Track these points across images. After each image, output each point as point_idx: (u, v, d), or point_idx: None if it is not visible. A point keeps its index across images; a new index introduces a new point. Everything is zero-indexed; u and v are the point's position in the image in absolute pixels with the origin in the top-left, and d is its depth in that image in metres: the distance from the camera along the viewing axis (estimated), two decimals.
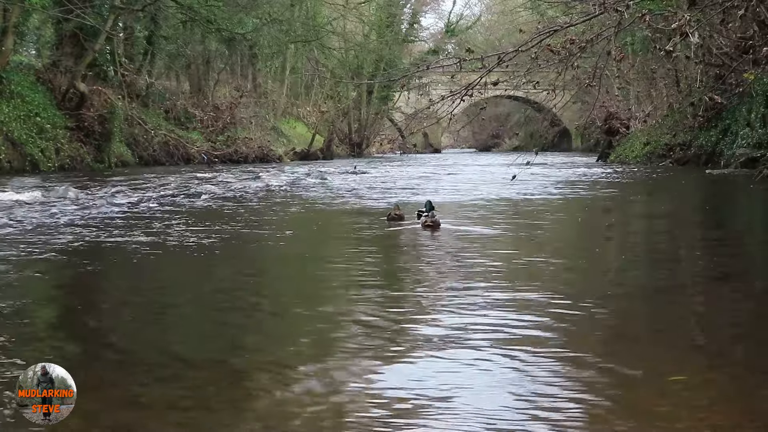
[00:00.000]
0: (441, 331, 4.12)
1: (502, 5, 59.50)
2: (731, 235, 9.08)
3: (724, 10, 8.28)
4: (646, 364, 3.61)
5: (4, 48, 23.24)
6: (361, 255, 7.26)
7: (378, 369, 3.51)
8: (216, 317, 4.84)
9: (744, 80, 19.15)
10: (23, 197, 12.31)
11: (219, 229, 8.76)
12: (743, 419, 2.91)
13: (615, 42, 7.71)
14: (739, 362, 3.71)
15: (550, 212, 11.48)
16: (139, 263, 6.65)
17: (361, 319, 4.49)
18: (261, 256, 7.48)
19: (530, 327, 4.21)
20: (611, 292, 5.42)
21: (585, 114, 42.34)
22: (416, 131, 57.28)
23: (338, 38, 48.15)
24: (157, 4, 29.22)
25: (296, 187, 17.81)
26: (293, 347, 4.03)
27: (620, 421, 2.91)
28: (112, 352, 3.99)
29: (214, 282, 5.98)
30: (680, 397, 3.14)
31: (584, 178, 20.92)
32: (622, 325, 4.48)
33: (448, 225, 8.61)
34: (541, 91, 9.89)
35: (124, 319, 4.84)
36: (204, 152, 31.55)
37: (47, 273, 6.27)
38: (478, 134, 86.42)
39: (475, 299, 4.86)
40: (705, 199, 14.57)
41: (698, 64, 19.50)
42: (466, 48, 9.30)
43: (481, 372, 3.44)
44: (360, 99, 51.99)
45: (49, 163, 23.08)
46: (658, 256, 7.50)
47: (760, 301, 5.16)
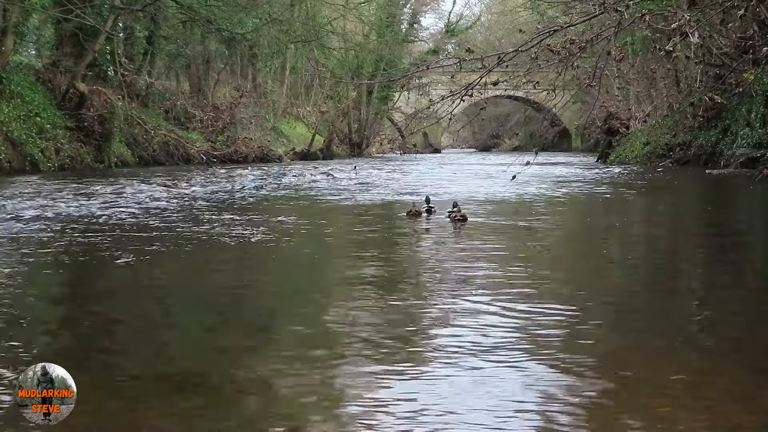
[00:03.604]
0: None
1: (502, 5, 59.49)
2: (732, 235, 9.08)
3: (724, 10, 8.27)
4: (647, 364, 3.61)
5: (4, 48, 23.22)
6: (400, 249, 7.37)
7: (391, 376, 3.52)
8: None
9: (744, 80, 19.13)
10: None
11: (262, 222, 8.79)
12: (743, 419, 2.91)
13: (615, 42, 7.70)
14: (739, 362, 3.71)
15: (551, 212, 11.50)
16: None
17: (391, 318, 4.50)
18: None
19: (530, 326, 4.21)
20: (612, 292, 5.43)
21: (585, 114, 42.37)
22: (416, 131, 57.30)
23: (338, 38, 48.07)
24: (157, 4, 29.19)
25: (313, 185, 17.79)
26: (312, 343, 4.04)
27: (621, 421, 2.91)
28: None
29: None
30: (680, 397, 3.14)
31: (584, 178, 20.91)
32: (622, 325, 4.49)
33: (474, 219, 9.56)
34: (541, 91, 9.87)
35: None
36: (203, 153, 31.50)
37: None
38: (478, 134, 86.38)
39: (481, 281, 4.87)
40: (705, 200, 14.57)
41: (698, 64, 19.49)
42: (466, 48, 9.28)
43: (479, 368, 3.44)
44: (360, 99, 51.94)
45: (49, 163, 23.07)
46: (658, 255, 7.50)
47: (760, 301, 5.16)
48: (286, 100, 47.51)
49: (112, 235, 8.27)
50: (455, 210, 9.41)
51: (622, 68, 31.29)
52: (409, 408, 3.02)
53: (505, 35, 50.92)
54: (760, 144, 20.57)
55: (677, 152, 26.78)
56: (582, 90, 17.41)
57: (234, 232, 8.47)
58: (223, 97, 38.04)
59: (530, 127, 66.28)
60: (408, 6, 57.63)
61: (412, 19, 58.20)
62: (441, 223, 9.46)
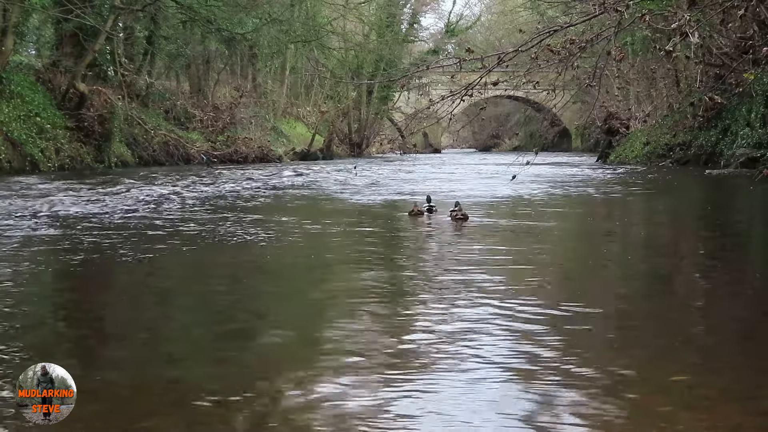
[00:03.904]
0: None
1: (502, 5, 59.47)
2: (732, 235, 9.08)
3: (724, 10, 8.26)
4: (647, 364, 3.61)
5: (4, 48, 23.20)
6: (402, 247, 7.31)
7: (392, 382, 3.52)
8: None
9: (744, 80, 19.13)
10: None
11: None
12: (743, 419, 2.91)
13: (615, 42, 7.69)
14: (739, 362, 3.71)
15: (551, 211, 11.49)
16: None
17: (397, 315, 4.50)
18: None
19: (530, 326, 4.21)
20: (611, 292, 5.42)
21: (585, 114, 42.35)
22: (416, 131, 57.28)
23: (338, 38, 48.05)
24: (157, 4, 29.17)
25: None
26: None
27: (621, 421, 2.91)
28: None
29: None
30: (680, 397, 3.14)
31: (584, 178, 20.91)
32: (622, 325, 4.48)
33: (475, 218, 9.78)
34: (541, 91, 9.87)
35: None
36: (203, 153, 31.49)
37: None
38: (478, 134, 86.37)
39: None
40: (705, 200, 14.57)
41: (698, 64, 19.49)
42: (466, 48, 9.26)
43: (478, 366, 3.44)
44: (360, 99, 51.92)
45: (48, 163, 23.05)
46: (658, 255, 7.50)
47: (760, 302, 5.16)
48: (286, 100, 47.49)
49: (125, 235, 8.28)
50: (456, 209, 9.61)
51: (622, 68, 31.28)
52: (408, 413, 3.02)
53: (505, 35, 50.90)
54: (760, 144, 20.57)
55: (677, 152, 26.78)
56: (582, 90, 17.39)
57: (230, 232, 8.48)
58: (223, 97, 38.03)
59: (530, 127, 66.27)
60: (408, 6, 57.64)
61: (412, 19, 58.20)
62: (442, 223, 9.56)
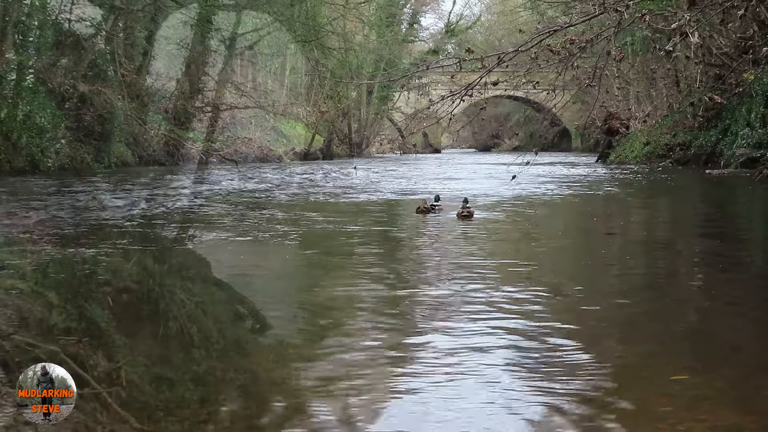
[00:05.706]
0: None
1: (502, 5, 59.42)
2: (732, 235, 9.08)
3: (724, 10, 8.27)
4: (647, 363, 3.61)
5: (4, 48, 23.20)
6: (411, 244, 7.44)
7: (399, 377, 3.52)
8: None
9: (744, 80, 19.15)
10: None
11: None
12: (743, 419, 2.91)
13: (615, 42, 7.70)
14: (739, 362, 3.71)
15: (551, 211, 11.51)
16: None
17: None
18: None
19: (529, 326, 4.21)
20: (611, 292, 5.42)
21: (585, 114, 42.27)
22: (416, 131, 57.23)
23: (338, 38, 48.04)
24: (157, 4, 29.18)
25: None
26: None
27: (621, 420, 2.91)
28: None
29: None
30: (680, 397, 3.14)
31: (584, 178, 20.91)
32: (622, 325, 4.48)
33: (477, 216, 9.96)
34: (541, 91, 9.89)
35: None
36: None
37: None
38: (478, 134, 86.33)
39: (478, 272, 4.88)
40: (705, 200, 14.57)
41: (698, 64, 19.48)
42: (466, 48, 9.28)
43: (478, 366, 3.44)
44: (360, 99, 51.93)
45: (48, 163, 23.05)
46: (658, 255, 7.50)
47: (761, 301, 5.16)
48: (286, 100, 47.50)
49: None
50: (466, 207, 9.90)
51: (622, 68, 31.25)
52: (410, 411, 3.02)
53: (505, 35, 50.88)
54: (760, 144, 20.58)
55: (677, 152, 26.78)
56: (582, 90, 17.39)
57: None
58: (223, 97, 38.02)
59: (530, 127, 66.18)
60: (408, 6, 57.63)
61: (412, 19, 58.19)
62: (448, 220, 9.75)
